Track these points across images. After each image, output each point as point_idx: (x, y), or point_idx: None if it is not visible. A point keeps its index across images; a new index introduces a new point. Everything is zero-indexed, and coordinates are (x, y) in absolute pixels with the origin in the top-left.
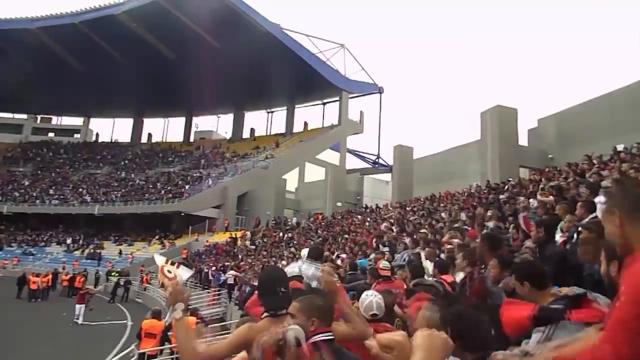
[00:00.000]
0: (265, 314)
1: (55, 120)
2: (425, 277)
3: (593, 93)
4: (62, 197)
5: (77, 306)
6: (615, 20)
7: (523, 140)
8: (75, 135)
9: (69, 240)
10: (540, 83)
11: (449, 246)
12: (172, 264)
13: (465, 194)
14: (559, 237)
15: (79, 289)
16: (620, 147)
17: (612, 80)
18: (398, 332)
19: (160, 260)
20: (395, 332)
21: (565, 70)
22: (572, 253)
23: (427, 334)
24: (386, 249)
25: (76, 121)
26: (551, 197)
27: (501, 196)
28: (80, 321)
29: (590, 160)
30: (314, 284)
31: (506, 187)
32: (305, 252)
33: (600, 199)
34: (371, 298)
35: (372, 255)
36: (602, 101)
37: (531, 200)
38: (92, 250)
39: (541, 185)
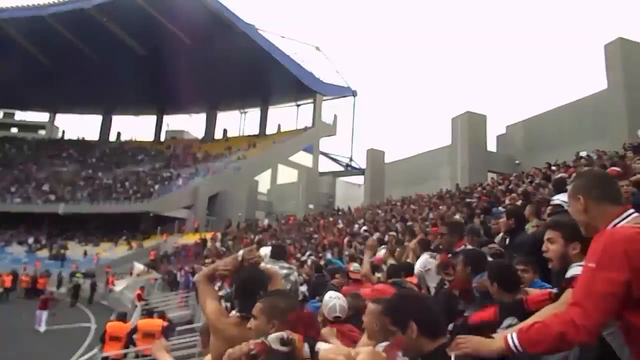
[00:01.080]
0: (237, 313)
1: (19, 115)
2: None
3: (559, 101)
4: (24, 195)
5: (39, 312)
6: (581, 30)
7: (492, 146)
8: (40, 132)
9: (30, 240)
10: (509, 90)
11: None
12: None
13: (436, 197)
14: None
15: (40, 291)
16: (583, 154)
17: (577, 88)
18: (343, 350)
19: (137, 269)
20: (340, 349)
21: (533, 78)
22: (541, 241)
23: (371, 352)
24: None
25: (41, 117)
26: (519, 202)
27: (468, 199)
28: (42, 328)
29: (550, 167)
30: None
31: (474, 191)
32: (266, 250)
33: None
34: (335, 301)
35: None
36: (568, 109)
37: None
38: (55, 251)
39: (511, 188)
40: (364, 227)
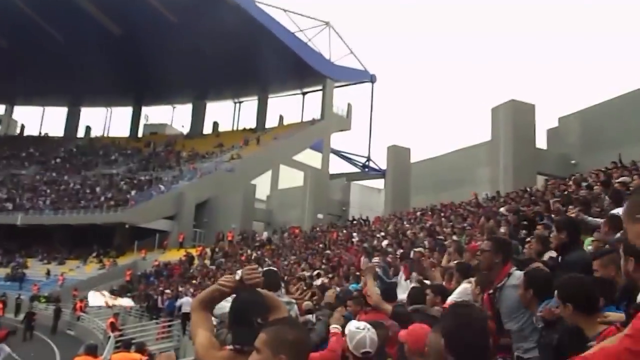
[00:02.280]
0: (230, 346)
1: None
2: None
3: (624, 87)
4: None
5: None
6: None
7: (541, 142)
8: None
9: None
10: (562, 76)
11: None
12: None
13: (472, 204)
14: None
15: None
16: None
17: None
18: None
19: (95, 301)
20: None
21: (591, 62)
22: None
23: None
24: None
25: None
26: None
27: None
28: None
29: (616, 167)
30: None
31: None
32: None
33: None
34: (364, 332)
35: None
36: (635, 97)
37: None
38: (12, 270)
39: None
40: (385, 242)
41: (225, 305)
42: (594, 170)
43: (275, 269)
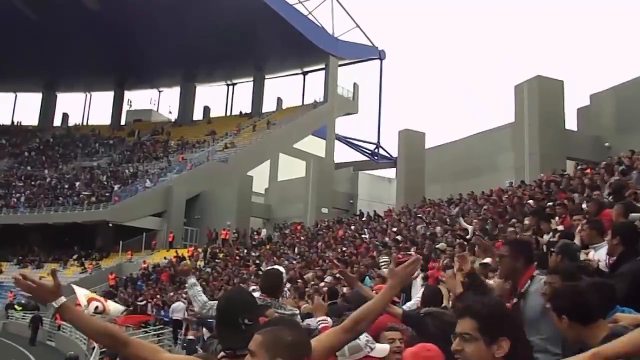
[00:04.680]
0: (222, 353)
1: None
2: None
3: None
4: None
5: None
6: None
7: (571, 124)
8: None
9: None
10: (594, 48)
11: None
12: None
13: (495, 194)
14: (603, 260)
15: None
16: None
17: None
18: None
19: (81, 293)
20: None
21: (626, 32)
22: None
23: None
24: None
25: None
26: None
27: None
28: None
29: None
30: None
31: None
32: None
33: None
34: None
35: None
36: None
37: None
38: None
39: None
40: (398, 237)
41: (212, 304)
42: (628, 153)
43: (279, 269)
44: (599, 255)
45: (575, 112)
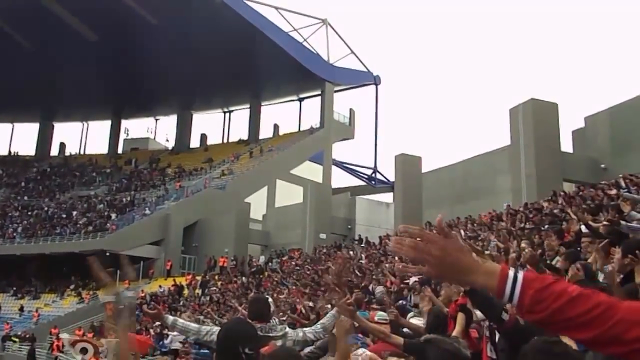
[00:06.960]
0: None
1: None
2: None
3: None
4: None
5: None
6: None
7: (567, 146)
8: None
9: None
10: (588, 70)
11: None
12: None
13: (493, 217)
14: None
15: None
16: None
17: None
18: None
19: (65, 338)
20: None
21: (620, 54)
22: None
23: None
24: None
25: None
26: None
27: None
28: None
29: None
30: None
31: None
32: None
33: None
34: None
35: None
36: None
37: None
38: None
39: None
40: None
41: (207, 329)
42: (626, 175)
43: (264, 296)
44: None
45: (571, 134)
